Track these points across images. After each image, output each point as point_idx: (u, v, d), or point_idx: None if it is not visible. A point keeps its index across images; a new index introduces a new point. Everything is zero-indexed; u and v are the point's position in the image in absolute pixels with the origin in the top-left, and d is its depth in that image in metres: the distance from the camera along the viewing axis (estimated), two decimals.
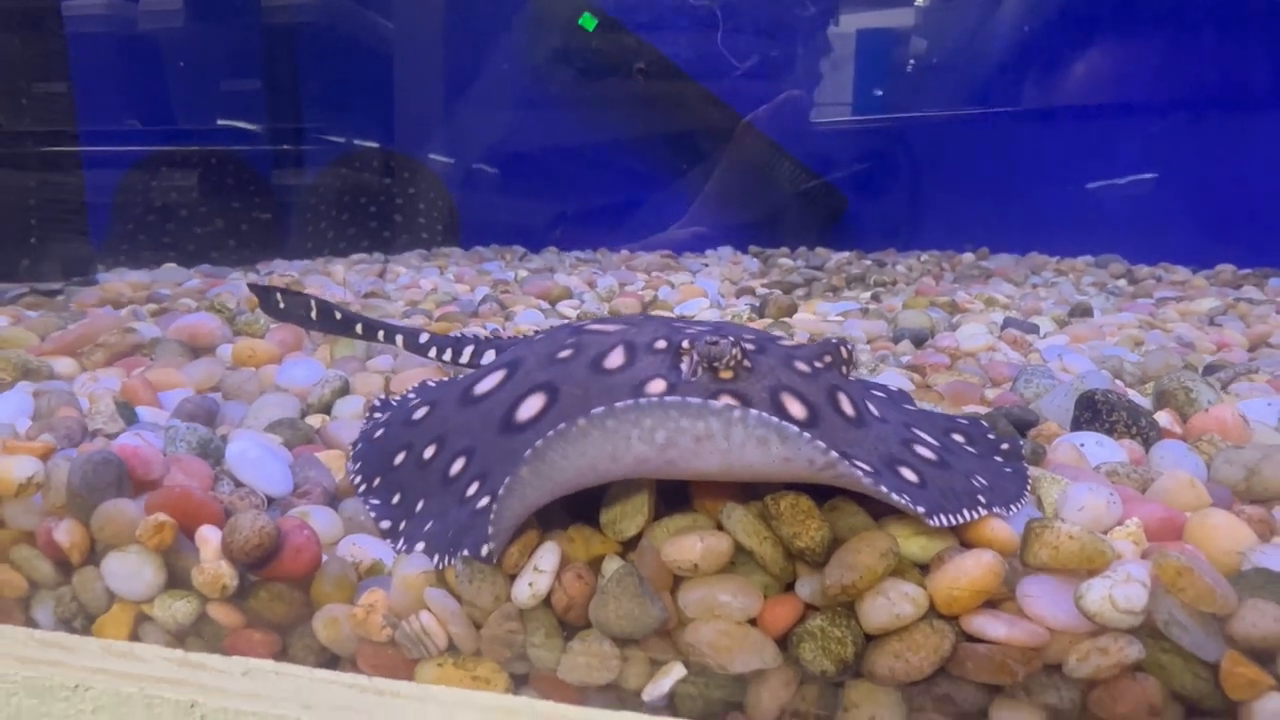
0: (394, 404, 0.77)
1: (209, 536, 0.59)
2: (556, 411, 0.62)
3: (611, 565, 0.55)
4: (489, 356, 0.85)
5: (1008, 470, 0.63)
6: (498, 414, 0.64)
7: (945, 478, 0.57)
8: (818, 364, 0.62)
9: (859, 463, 0.53)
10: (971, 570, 0.50)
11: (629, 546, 0.56)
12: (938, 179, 2.44)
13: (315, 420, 0.77)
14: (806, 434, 0.47)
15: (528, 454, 0.49)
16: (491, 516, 0.52)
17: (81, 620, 0.62)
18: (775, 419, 0.47)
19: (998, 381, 0.97)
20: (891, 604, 0.50)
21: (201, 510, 0.60)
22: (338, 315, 0.93)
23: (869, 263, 2.07)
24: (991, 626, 0.49)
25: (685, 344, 0.61)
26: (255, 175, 2.29)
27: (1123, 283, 1.87)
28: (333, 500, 0.66)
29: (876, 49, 2.43)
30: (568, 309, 1.37)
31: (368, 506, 0.64)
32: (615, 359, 0.64)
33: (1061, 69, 2.31)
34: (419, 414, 0.69)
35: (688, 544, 0.53)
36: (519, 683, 0.55)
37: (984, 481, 0.58)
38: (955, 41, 2.41)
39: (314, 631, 0.58)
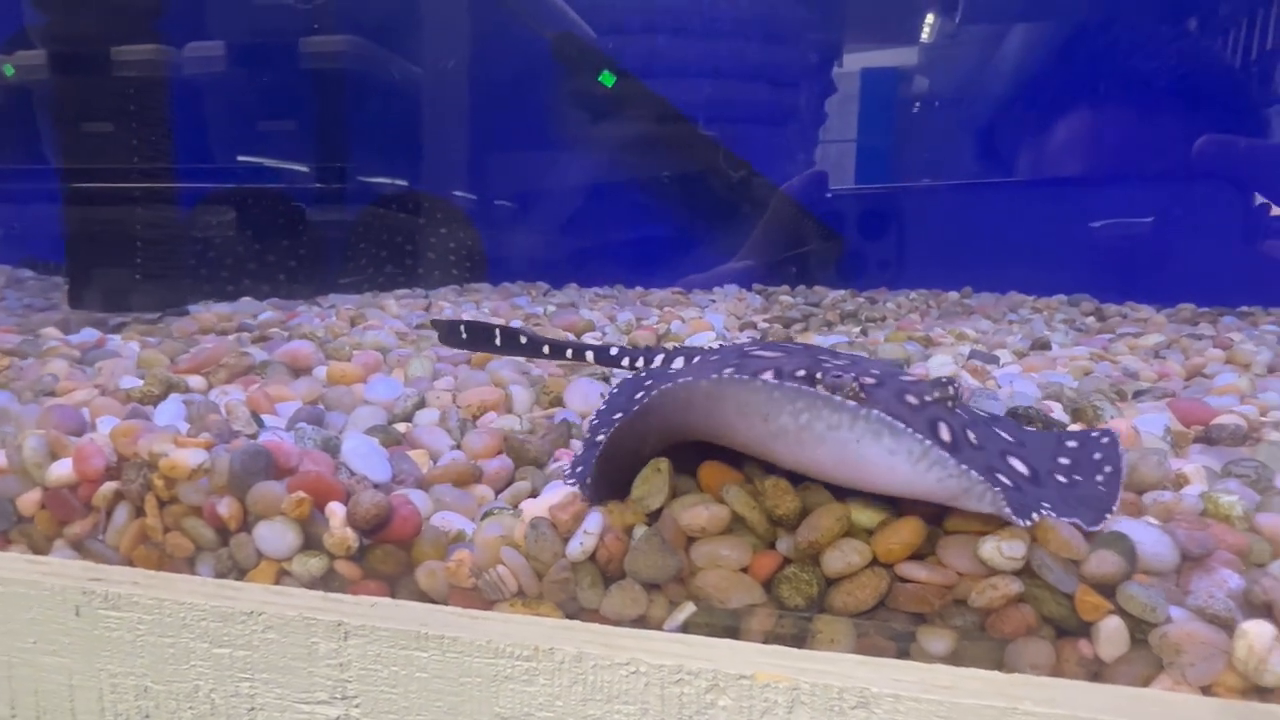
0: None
1: (336, 509, 0.79)
2: None
3: (640, 530, 0.74)
4: (678, 363, 1.07)
5: (1100, 489, 0.75)
6: None
7: (1027, 490, 0.71)
8: (927, 398, 0.76)
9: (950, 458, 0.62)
10: (902, 530, 0.69)
11: (653, 517, 0.75)
12: (925, 228, 2.73)
13: (401, 427, 0.96)
14: (911, 429, 0.61)
15: (714, 376, 0.65)
16: (646, 398, 0.69)
17: (235, 575, 0.81)
18: (888, 418, 0.61)
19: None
20: (845, 555, 0.69)
21: (330, 490, 0.80)
22: (523, 339, 1.10)
23: (862, 300, 2.27)
24: (917, 571, 0.68)
25: (818, 375, 0.79)
26: (302, 215, 2.51)
27: (1091, 319, 2.06)
28: (423, 486, 0.85)
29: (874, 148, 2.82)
30: (591, 340, 1.57)
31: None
32: (766, 378, 0.82)
33: (1039, 140, 2.58)
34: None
35: (698, 512, 0.72)
36: (571, 618, 0.74)
37: (1062, 497, 0.72)
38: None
39: (416, 581, 0.78)
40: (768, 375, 0.82)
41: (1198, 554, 0.70)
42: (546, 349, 1.16)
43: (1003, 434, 0.82)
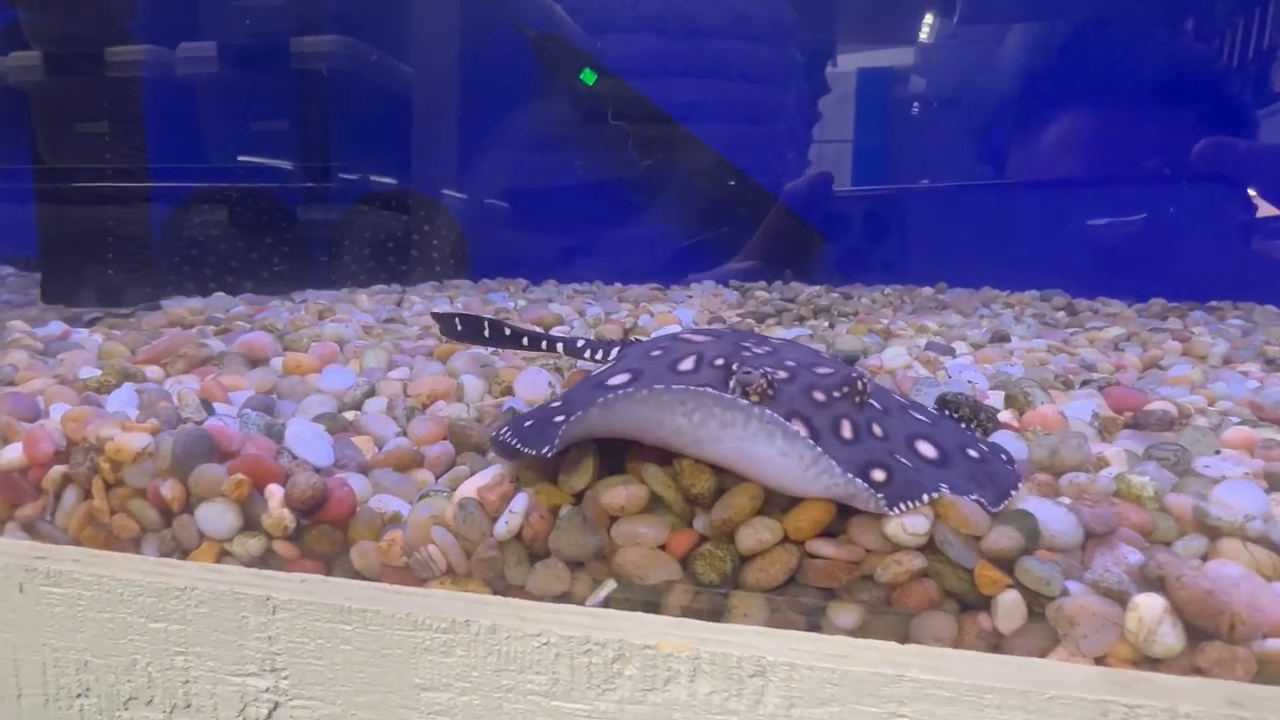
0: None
1: (275, 491, 0.81)
2: (633, 386, 0.83)
3: (565, 510, 0.77)
4: (615, 351, 1.11)
5: (1009, 467, 0.79)
6: (598, 383, 0.85)
7: (926, 472, 0.73)
8: (835, 394, 0.77)
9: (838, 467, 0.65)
10: (811, 509, 0.71)
11: (578, 498, 0.78)
12: (920, 228, 2.76)
13: (350, 415, 0.99)
14: (803, 435, 0.64)
15: (601, 400, 0.68)
16: (562, 430, 0.73)
17: (178, 554, 0.83)
18: (783, 420, 0.64)
19: (904, 391, 1.18)
20: (757, 533, 0.71)
21: (269, 472, 0.82)
22: (506, 331, 1.18)
23: (836, 295, 2.29)
24: (825, 548, 0.71)
25: (735, 365, 0.81)
26: (288, 213, 2.54)
27: (1062, 314, 2.08)
28: (364, 470, 0.88)
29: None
30: (558, 333, 1.59)
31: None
32: (687, 365, 0.85)
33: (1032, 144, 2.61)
34: (556, 403, 0.90)
35: (617, 492, 0.74)
36: (498, 595, 0.77)
37: (971, 475, 0.75)
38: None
39: (350, 560, 0.80)
40: (689, 362, 0.85)
41: (1101, 531, 0.72)
42: (525, 340, 1.22)
43: (919, 417, 0.84)
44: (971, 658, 0.61)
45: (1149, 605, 0.65)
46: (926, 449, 0.78)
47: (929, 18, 2.91)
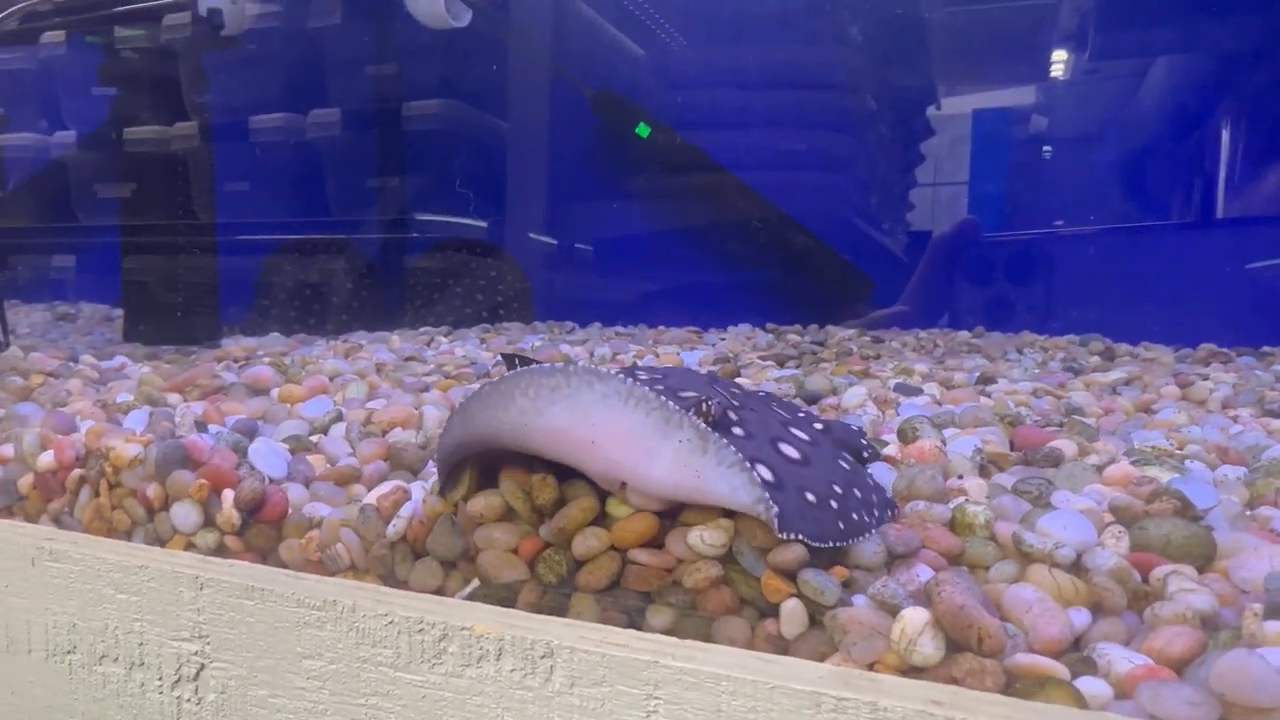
0: None
1: (228, 494, 0.98)
2: None
3: (443, 516, 0.90)
4: None
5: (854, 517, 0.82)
6: None
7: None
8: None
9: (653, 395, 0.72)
10: (636, 521, 0.81)
11: (458, 507, 0.91)
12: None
13: (316, 437, 1.16)
14: (615, 373, 0.75)
15: (459, 405, 0.81)
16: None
17: (158, 545, 1.02)
18: (594, 368, 0.75)
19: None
20: (587, 540, 0.82)
21: (226, 479, 1.00)
22: None
23: (867, 339, 2.32)
24: (642, 555, 0.80)
25: None
26: (367, 261, 2.83)
27: (1096, 359, 2.04)
28: (308, 482, 1.04)
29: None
30: None
31: None
32: None
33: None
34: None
35: (478, 501, 0.87)
36: (389, 586, 0.90)
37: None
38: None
39: (279, 554, 0.96)
40: None
41: (903, 551, 0.78)
42: None
43: (786, 449, 0.90)
44: (720, 651, 0.70)
45: (912, 617, 0.71)
46: (764, 471, 0.86)
47: (1059, 54, 2.85)
